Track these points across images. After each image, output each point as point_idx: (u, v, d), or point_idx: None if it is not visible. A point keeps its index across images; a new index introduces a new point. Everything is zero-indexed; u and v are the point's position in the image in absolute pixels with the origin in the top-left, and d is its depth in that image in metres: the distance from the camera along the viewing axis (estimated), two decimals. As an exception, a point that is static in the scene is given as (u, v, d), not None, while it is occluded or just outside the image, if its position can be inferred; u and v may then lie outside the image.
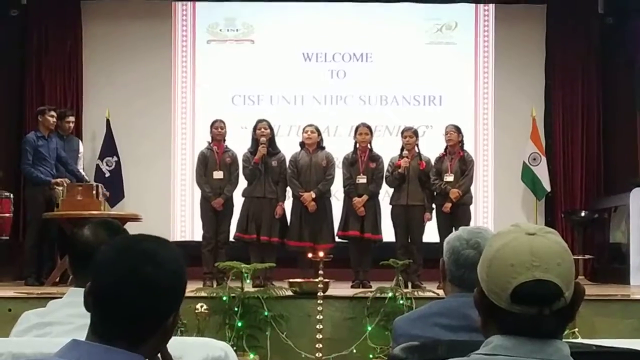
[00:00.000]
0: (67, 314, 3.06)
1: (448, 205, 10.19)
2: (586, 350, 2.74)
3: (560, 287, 1.95)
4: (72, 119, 11.14)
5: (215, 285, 9.42)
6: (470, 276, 2.99)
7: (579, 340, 3.60)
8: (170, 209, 12.57)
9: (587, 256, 11.84)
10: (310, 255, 8.23)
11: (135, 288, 1.99)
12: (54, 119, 10.38)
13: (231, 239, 10.34)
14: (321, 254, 7.84)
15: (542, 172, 12.27)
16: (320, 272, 7.71)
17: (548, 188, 12.33)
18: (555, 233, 2.04)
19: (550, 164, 12.47)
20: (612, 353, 2.75)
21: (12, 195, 11.02)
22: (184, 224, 12.46)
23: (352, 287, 9.85)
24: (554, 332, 2.00)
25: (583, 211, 12.24)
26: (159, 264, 2.03)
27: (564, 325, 2.02)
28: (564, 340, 2.05)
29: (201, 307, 7.48)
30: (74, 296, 3.03)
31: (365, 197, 10.11)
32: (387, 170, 10.29)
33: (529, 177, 12.28)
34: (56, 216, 9.77)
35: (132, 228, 10.31)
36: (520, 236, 2.01)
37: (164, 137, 12.70)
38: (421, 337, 3.07)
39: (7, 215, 10.95)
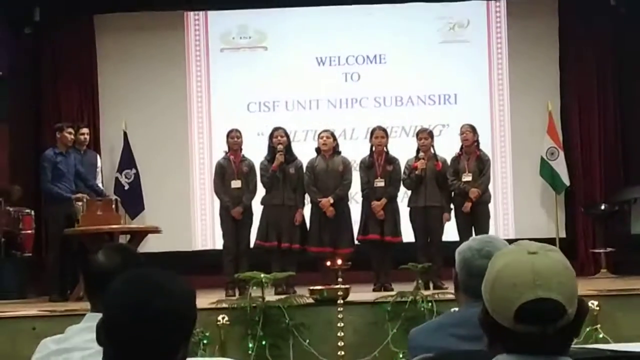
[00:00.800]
0: (84, 340, 3.08)
1: (468, 204, 10.19)
2: (600, 355, 2.75)
3: (564, 305, 1.96)
4: (86, 130, 11.19)
5: (237, 294, 9.46)
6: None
7: (597, 345, 3.60)
8: (190, 218, 12.63)
9: (608, 249, 11.80)
10: (328, 263, 8.24)
11: (145, 321, 2.02)
12: (72, 136, 10.43)
13: (251, 247, 10.36)
14: (339, 261, 7.86)
15: (560, 166, 12.23)
16: (340, 279, 7.73)
17: (567, 182, 12.29)
18: (556, 251, 2.06)
19: (569, 157, 12.43)
20: (628, 358, 2.75)
21: (33, 212, 11.11)
22: (205, 232, 12.50)
23: (373, 290, 9.87)
24: (559, 350, 2.01)
25: (603, 204, 12.22)
26: (168, 297, 2.06)
27: (568, 342, 2.03)
28: (584, 336, 2.05)
29: (222, 318, 7.51)
30: (91, 321, 3.04)
31: (384, 201, 10.13)
32: (404, 173, 10.30)
33: (547, 172, 12.25)
34: (77, 232, 9.82)
35: (153, 240, 10.46)
36: (521, 255, 2.02)
37: (181, 147, 12.76)
38: (436, 348, 3.08)
39: (29, 232, 11.04)
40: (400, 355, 7.57)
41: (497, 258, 2.08)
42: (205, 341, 7.37)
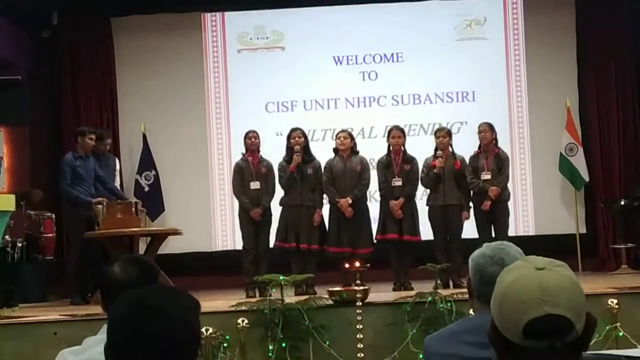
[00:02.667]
0: (100, 352, 3.10)
1: (487, 203, 10.19)
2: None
3: (571, 320, 1.96)
4: (109, 141, 11.24)
5: (257, 295, 9.47)
6: (496, 293, 3.00)
7: (612, 351, 3.60)
8: (210, 219, 12.67)
9: (629, 244, 11.77)
10: (347, 265, 8.25)
11: (146, 344, 2.04)
12: (93, 142, 10.48)
13: (271, 247, 10.39)
14: (357, 264, 7.85)
15: (579, 162, 12.22)
16: (358, 281, 7.75)
17: (586, 178, 12.28)
18: (564, 266, 2.06)
19: (588, 153, 12.42)
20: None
21: (54, 215, 11.17)
22: (225, 233, 12.52)
23: (393, 289, 9.91)
24: (567, 365, 2.01)
25: (623, 199, 12.18)
26: (168, 316, 2.06)
27: (577, 357, 2.03)
28: (604, 335, 2.05)
29: (242, 321, 7.53)
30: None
31: (401, 200, 10.13)
32: (422, 172, 10.32)
33: (566, 168, 12.24)
34: (97, 235, 9.88)
35: (174, 241, 10.50)
36: (529, 271, 2.03)
37: (200, 148, 12.82)
38: (451, 356, 3.11)
39: (50, 235, 11.09)
40: (420, 356, 7.55)
41: (505, 274, 2.08)
42: (225, 344, 7.39)
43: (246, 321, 7.59)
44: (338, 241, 10.14)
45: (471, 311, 3.57)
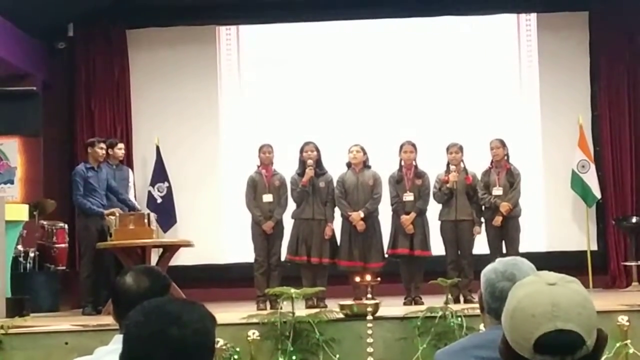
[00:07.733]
0: (113, 361, 3.12)
1: (499, 219, 10.21)
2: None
3: (582, 336, 1.97)
4: (121, 146, 11.25)
5: (268, 308, 9.49)
6: (507, 308, 3.00)
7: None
8: (222, 231, 12.68)
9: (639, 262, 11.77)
10: (358, 279, 8.27)
11: (163, 350, 2.05)
12: (103, 151, 10.49)
13: (283, 259, 10.40)
14: (368, 277, 7.87)
15: (591, 179, 12.21)
16: (369, 295, 7.75)
17: (598, 195, 12.28)
18: (576, 282, 2.07)
19: (600, 170, 12.42)
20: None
21: (66, 226, 11.21)
22: (236, 245, 12.47)
23: (404, 304, 9.93)
24: (578, 380, 2.02)
25: (634, 217, 12.17)
26: (183, 325, 2.08)
27: (587, 372, 2.04)
28: (614, 353, 2.06)
29: (253, 333, 7.53)
30: (120, 343, 3.08)
31: (413, 215, 10.16)
32: (435, 187, 10.34)
33: (578, 185, 12.24)
34: (109, 246, 9.90)
35: (185, 253, 10.50)
36: (540, 287, 2.04)
37: (213, 160, 12.85)
38: (461, 371, 3.10)
39: (63, 245, 11.16)
40: (430, 371, 7.55)
41: (516, 289, 2.10)
42: (235, 356, 7.39)
43: (257, 333, 7.59)
44: (349, 255, 10.16)
45: (482, 326, 3.57)
